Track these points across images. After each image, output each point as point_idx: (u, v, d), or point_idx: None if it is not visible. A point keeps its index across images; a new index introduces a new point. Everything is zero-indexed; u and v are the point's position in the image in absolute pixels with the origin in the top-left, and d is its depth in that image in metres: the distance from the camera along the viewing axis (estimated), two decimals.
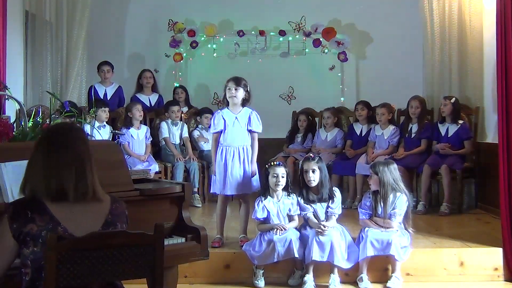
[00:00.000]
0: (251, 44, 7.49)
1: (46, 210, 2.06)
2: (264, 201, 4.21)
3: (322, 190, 4.17)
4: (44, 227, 2.03)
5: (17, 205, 2.09)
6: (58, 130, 2.25)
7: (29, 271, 2.04)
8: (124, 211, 2.24)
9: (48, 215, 2.05)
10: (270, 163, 4.29)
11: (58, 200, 2.08)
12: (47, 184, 2.07)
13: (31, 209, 2.05)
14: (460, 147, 5.75)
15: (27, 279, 2.05)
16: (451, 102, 5.76)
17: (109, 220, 2.16)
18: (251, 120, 4.45)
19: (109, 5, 7.47)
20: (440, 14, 6.29)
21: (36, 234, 2.01)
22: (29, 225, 2.02)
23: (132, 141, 6.15)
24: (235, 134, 4.43)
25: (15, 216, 2.04)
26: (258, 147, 4.50)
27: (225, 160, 4.41)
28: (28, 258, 2.03)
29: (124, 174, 3.09)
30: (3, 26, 4.32)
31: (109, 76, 6.72)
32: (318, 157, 4.27)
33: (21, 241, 2.03)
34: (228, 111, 4.48)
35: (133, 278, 2.11)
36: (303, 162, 4.28)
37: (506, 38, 4.16)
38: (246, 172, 4.42)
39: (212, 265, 4.08)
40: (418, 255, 4.19)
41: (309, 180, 4.15)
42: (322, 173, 4.18)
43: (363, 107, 6.28)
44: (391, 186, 4.14)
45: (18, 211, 2.05)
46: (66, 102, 3.92)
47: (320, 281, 4.06)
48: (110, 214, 2.17)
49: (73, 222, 2.08)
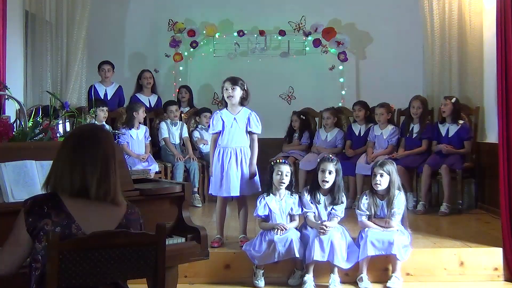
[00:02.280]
0: (251, 44, 7.49)
1: (63, 208, 2.07)
2: (266, 199, 4.20)
3: (336, 193, 4.14)
4: (59, 223, 2.05)
5: (35, 200, 2.10)
6: (87, 129, 2.30)
7: (39, 266, 2.05)
8: (139, 218, 2.25)
9: (65, 213, 2.07)
10: (276, 160, 4.28)
11: (78, 197, 2.10)
12: (71, 179, 2.09)
13: (48, 205, 2.07)
14: (461, 147, 5.75)
15: (37, 274, 2.05)
16: (452, 102, 5.76)
17: (123, 224, 2.16)
18: (250, 121, 4.43)
19: (109, 5, 7.47)
20: (440, 14, 6.29)
21: (50, 230, 2.02)
22: (44, 220, 2.04)
23: (132, 141, 6.15)
24: (233, 135, 4.42)
25: (31, 210, 2.06)
26: (258, 148, 4.49)
27: (222, 161, 4.40)
28: (39, 253, 2.04)
29: (124, 174, 3.08)
30: (3, 26, 4.31)
31: (110, 75, 6.73)
32: (336, 159, 4.22)
33: (35, 235, 2.04)
34: (227, 112, 4.47)
35: (135, 278, 2.11)
36: (320, 161, 4.21)
37: (506, 37, 4.16)
38: (244, 173, 4.40)
39: (212, 265, 4.08)
40: (418, 255, 4.19)
41: (323, 180, 4.13)
42: (338, 176, 4.15)
43: (360, 108, 6.28)
44: (397, 186, 4.15)
45: (34, 205, 2.07)
46: (66, 102, 3.91)
47: (320, 281, 4.06)
48: (124, 218, 2.18)
49: (88, 222, 2.09)
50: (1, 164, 2.73)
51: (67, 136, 2.25)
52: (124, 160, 3.22)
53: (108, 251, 2.01)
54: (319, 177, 4.16)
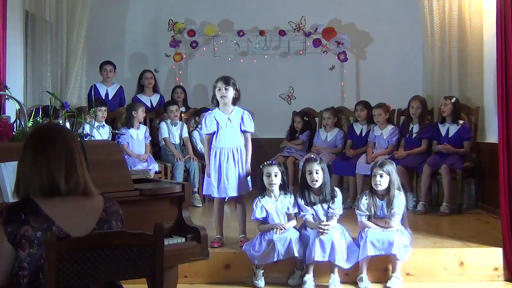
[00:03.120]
0: (251, 44, 7.50)
1: (40, 211, 2.05)
2: (262, 201, 4.21)
3: (324, 190, 4.16)
4: (39, 228, 2.03)
5: (10, 209, 2.08)
6: (44, 128, 2.32)
7: (26, 273, 2.03)
8: (118, 210, 2.24)
9: (43, 216, 2.05)
10: (264, 163, 4.29)
11: (51, 195, 2.08)
12: (39, 179, 2.08)
13: (24, 211, 2.04)
14: (461, 147, 5.74)
15: (25, 281, 2.04)
16: (452, 102, 5.76)
17: (104, 218, 2.15)
18: (244, 120, 4.43)
19: (109, 5, 7.47)
20: (440, 14, 6.29)
21: (31, 236, 2.01)
22: (23, 227, 2.02)
23: (132, 141, 6.14)
24: (228, 135, 4.41)
25: (9, 220, 2.03)
26: (258, 148, 4.48)
27: (219, 162, 4.39)
28: (25, 261, 2.03)
29: (124, 174, 3.09)
30: (3, 26, 4.31)
31: (111, 75, 6.74)
32: (319, 158, 4.27)
33: (17, 244, 2.02)
34: (220, 112, 4.45)
35: (133, 278, 2.11)
36: (305, 163, 4.25)
37: (506, 37, 4.16)
38: (241, 173, 4.40)
39: (212, 265, 4.08)
40: (418, 255, 4.19)
41: (313, 181, 4.14)
42: (324, 174, 4.18)
43: (362, 108, 6.27)
44: (397, 186, 4.15)
45: (11, 214, 2.05)
46: (66, 102, 3.91)
47: (320, 281, 4.06)
48: (104, 212, 2.17)
49: (68, 221, 2.07)
50: (1, 164, 2.73)
51: (26, 139, 2.23)
52: (124, 160, 3.21)
53: (106, 251, 2.00)
54: (308, 179, 4.17)
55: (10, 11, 4.63)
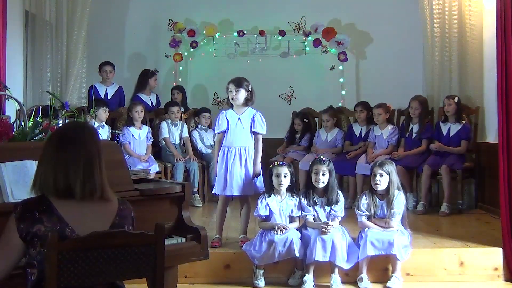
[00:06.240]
0: (251, 44, 7.50)
1: (54, 211, 2.05)
2: (267, 199, 4.21)
3: (330, 194, 4.16)
4: (52, 228, 2.02)
5: (25, 205, 2.07)
6: (70, 128, 2.26)
7: (35, 271, 2.03)
8: (131, 213, 2.23)
9: (56, 216, 2.04)
10: (274, 163, 4.30)
11: (65, 198, 2.07)
12: (55, 180, 2.06)
13: (39, 209, 2.04)
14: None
15: (33, 279, 2.04)
16: (455, 101, 5.76)
17: (116, 222, 2.15)
18: (255, 122, 4.44)
19: (109, 5, 7.47)
20: (440, 14, 6.29)
21: (43, 235, 2.00)
22: (36, 225, 2.01)
23: (133, 141, 6.14)
24: (237, 135, 4.43)
25: (22, 216, 2.03)
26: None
27: (226, 160, 4.41)
28: (35, 259, 2.03)
29: (124, 174, 3.09)
30: (3, 26, 4.31)
31: (111, 76, 6.76)
32: (328, 160, 4.25)
33: (29, 241, 2.02)
34: (232, 112, 4.48)
35: (134, 278, 2.11)
36: (312, 163, 4.25)
37: (506, 38, 4.16)
38: (247, 173, 4.40)
39: (212, 265, 4.08)
40: (418, 255, 4.19)
41: (318, 182, 4.14)
42: (331, 177, 4.18)
43: (362, 109, 6.27)
44: (397, 186, 4.15)
45: (25, 211, 2.04)
46: (66, 102, 3.91)
47: (320, 281, 4.06)
48: (117, 216, 2.16)
49: (81, 224, 2.07)
50: (1, 164, 2.73)
51: (49, 136, 2.22)
52: (124, 160, 3.21)
53: (106, 251, 2.00)
54: (313, 179, 4.18)
55: (10, 11, 4.63)
